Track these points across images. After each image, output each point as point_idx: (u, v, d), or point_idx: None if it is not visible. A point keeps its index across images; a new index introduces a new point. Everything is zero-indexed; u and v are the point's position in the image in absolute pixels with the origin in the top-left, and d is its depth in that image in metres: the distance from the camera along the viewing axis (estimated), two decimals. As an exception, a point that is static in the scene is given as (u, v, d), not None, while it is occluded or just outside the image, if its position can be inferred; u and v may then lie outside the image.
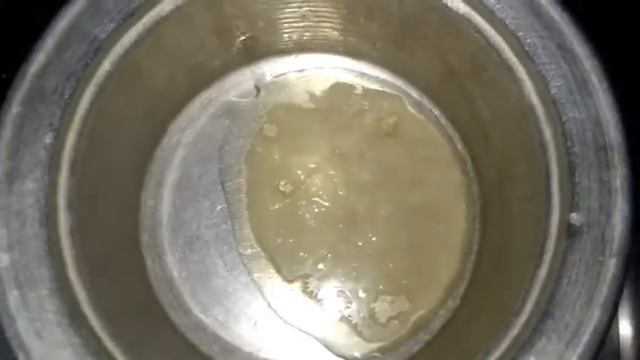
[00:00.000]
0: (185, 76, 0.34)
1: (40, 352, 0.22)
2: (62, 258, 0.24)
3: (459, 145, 0.36)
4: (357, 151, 0.37)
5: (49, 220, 0.24)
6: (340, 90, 0.38)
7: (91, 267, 0.25)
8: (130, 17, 0.27)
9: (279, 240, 0.34)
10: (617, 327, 0.30)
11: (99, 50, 0.26)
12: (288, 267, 0.34)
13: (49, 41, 0.26)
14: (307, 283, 0.34)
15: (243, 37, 0.34)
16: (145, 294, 0.32)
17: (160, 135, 0.36)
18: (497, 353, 0.24)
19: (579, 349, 0.23)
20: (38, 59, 0.26)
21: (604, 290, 0.24)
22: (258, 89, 0.37)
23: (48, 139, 0.25)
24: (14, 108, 0.25)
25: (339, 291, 0.34)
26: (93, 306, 0.24)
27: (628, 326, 0.31)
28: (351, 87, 0.38)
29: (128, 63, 0.28)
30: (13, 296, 0.23)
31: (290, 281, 0.34)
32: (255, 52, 0.36)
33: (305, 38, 0.36)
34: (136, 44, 0.28)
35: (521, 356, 0.23)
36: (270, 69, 0.37)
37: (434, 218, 0.35)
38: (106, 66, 0.27)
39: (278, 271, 0.34)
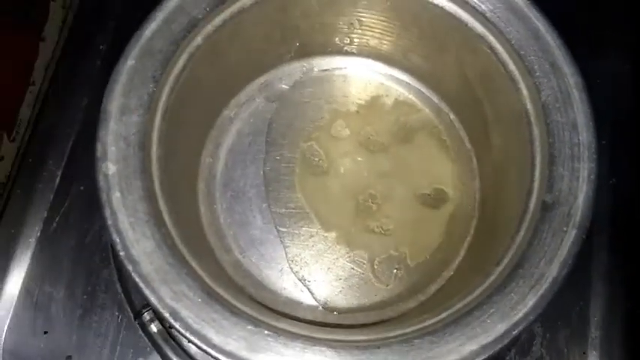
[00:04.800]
0: (250, 60, 0.42)
1: (131, 239, 0.29)
2: (151, 175, 0.32)
3: (468, 145, 0.43)
4: (381, 146, 0.44)
5: (145, 146, 0.32)
6: (373, 90, 0.45)
7: (167, 189, 0.33)
8: (221, 5, 0.35)
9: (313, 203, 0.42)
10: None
11: (195, 26, 0.34)
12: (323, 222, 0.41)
13: (160, 15, 0.34)
14: (327, 242, 0.41)
15: (301, 36, 0.42)
16: (197, 232, 0.39)
17: (222, 107, 0.43)
18: (477, 293, 0.31)
19: (539, 293, 0.30)
20: (151, 27, 0.33)
21: (564, 252, 0.30)
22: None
23: (150, 87, 0.33)
24: (129, 61, 0.33)
25: (352, 253, 0.41)
26: (170, 216, 0.31)
27: None
28: (384, 89, 0.45)
29: (213, 40, 0.36)
30: (115, 197, 0.30)
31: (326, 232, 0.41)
32: (307, 50, 0.44)
33: (349, 43, 0.44)
34: (221, 26, 0.36)
35: (495, 294, 0.30)
36: (318, 65, 0.45)
37: (439, 203, 0.42)
38: (198, 40, 0.35)
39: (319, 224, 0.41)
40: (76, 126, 0.48)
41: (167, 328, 0.43)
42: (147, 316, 0.42)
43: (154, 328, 0.42)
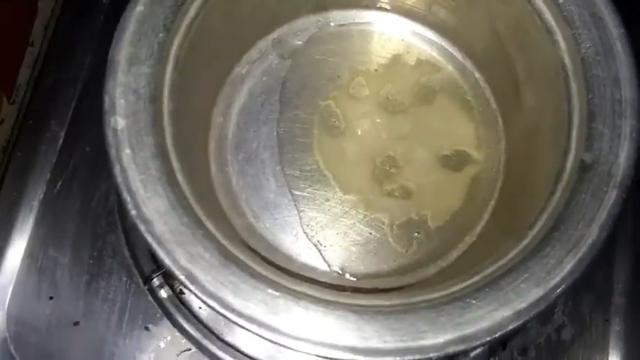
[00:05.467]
0: (265, 11, 0.39)
1: (143, 197, 0.27)
2: (163, 131, 0.29)
3: (493, 105, 0.41)
4: (401, 106, 0.42)
5: (156, 99, 0.30)
6: (394, 48, 0.43)
7: (179, 146, 0.30)
8: (236, -51, 0.33)
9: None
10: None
11: (209, -29, 0.32)
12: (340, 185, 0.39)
13: (171, -42, 0.31)
14: (343, 205, 0.39)
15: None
16: (209, 193, 0.38)
17: (234, 63, 0.41)
18: (510, 256, 0.29)
19: (577, 257, 0.28)
20: (161, -29, 0.31)
21: (604, 214, 0.29)
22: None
23: (161, 36, 0.30)
24: (138, 6, 0.30)
25: (370, 217, 0.39)
26: (183, 174, 0.29)
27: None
28: (406, 46, 0.43)
29: (227, -12, 0.33)
30: (125, 154, 0.28)
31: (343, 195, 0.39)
32: (325, 2, 0.41)
33: (369, -5, 0.41)
34: (237, -29, 0.33)
35: (529, 258, 0.28)
36: (334, 19, 0.43)
37: (461, 165, 0.40)
38: (211, -14, 0.32)
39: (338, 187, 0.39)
40: (80, 84, 0.46)
41: (177, 294, 0.41)
42: (156, 281, 0.40)
43: (163, 293, 0.41)
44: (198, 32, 0.32)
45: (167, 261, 0.27)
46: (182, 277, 0.27)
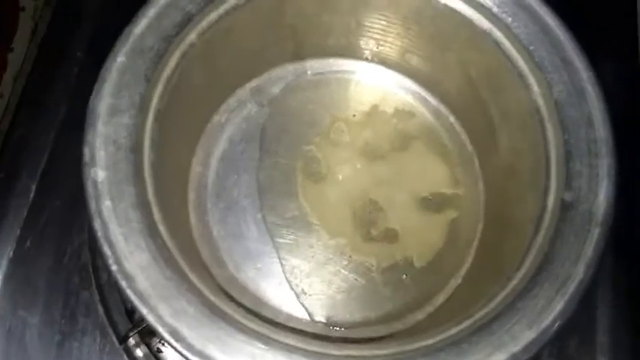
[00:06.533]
0: (243, 61, 0.39)
1: (125, 251, 0.26)
2: (144, 182, 0.29)
3: (469, 148, 0.42)
4: (380, 152, 0.42)
5: (137, 150, 0.29)
6: (371, 95, 0.43)
7: (159, 196, 0.30)
8: (215, 0, 0.33)
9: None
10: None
11: (189, 22, 0.32)
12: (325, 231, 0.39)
13: (152, 10, 0.31)
14: (327, 252, 0.39)
15: (296, 35, 0.40)
16: (189, 245, 0.37)
17: (213, 112, 0.41)
18: (499, 298, 0.29)
19: (566, 296, 0.28)
20: (141, 23, 0.31)
21: (589, 252, 0.29)
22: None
23: (142, 87, 0.30)
24: (119, 58, 0.30)
25: (355, 262, 0.39)
26: (165, 225, 0.29)
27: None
28: (382, 93, 0.43)
29: (206, 39, 0.34)
30: (106, 206, 0.27)
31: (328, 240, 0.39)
32: (302, 51, 0.42)
33: (345, 44, 0.42)
34: (216, 22, 0.33)
35: (519, 300, 0.28)
36: (311, 68, 0.43)
37: (441, 207, 0.40)
38: (192, 36, 0.33)
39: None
40: (52, 136, 0.45)
41: (155, 352, 0.39)
42: (132, 340, 0.38)
43: (139, 352, 0.39)
44: (179, 83, 0.32)
45: (150, 317, 0.26)
46: (166, 335, 0.25)
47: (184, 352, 0.25)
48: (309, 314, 0.37)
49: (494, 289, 0.29)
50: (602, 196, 0.30)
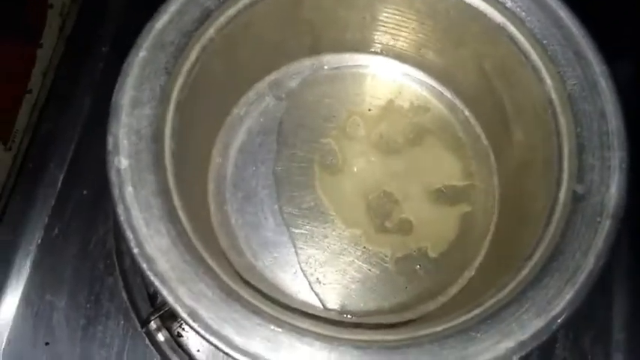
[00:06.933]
0: (261, 56, 0.40)
1: (146, 235, 0.28)
2: (164, 170, 0.30)
3: (484, 141, 0.42)
4: (395, 146, 0.43)
5: (158, 140, 0.30)
6: (386, 89, 0.44)
7: (180, 184, 0.31)
8: (234, -5, 0.34)
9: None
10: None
11: (208, 17, 0.33)
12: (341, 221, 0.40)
13: (172, 6, 0.33)
14: (342, 242, 0.40)
15: (314, 30, 0.41)
16: (208, 232, 0.38)
17: (232, 105, 0.42)
18: (509, 288, 0.29)
19: (576, 286, 0.28)
20: (163, 18, 0.32)
21: (599, 243, 0.29)
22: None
23: (163, 79, 0.31)
24: (141, 53, 0.31)
25: (369, 253, 0.39)
26: (184, 212, 0.30)
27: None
28: (397, 87, 0.44)
29: (226, 33, 0.35)
30: (128, 192, 0.28)
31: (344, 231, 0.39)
32: (319, 46, 0.43)
33: (361, 39, 0.43)
34: (235, 17, 0.34)
35: (529, 289, 0.29)
36: (328, 62, 0.44)
37: (454, 201, 0.41)
38: (211, 32, 0.34)
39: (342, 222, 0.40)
40: (79, 129, 0.47)
41: (175, 337, 0.41)
42: (154, 324, 0.40)
43: (161, 337, 0.40)
44: (199, 76, 0.34)
45: (170, 298, 0.27)
46: (185, 315, 0.27)
47: (202, 332, 0.26)
48: (323, 303, 0.38)
49: (504, 279, 0.30)
50: (613, 189, 0.30)
